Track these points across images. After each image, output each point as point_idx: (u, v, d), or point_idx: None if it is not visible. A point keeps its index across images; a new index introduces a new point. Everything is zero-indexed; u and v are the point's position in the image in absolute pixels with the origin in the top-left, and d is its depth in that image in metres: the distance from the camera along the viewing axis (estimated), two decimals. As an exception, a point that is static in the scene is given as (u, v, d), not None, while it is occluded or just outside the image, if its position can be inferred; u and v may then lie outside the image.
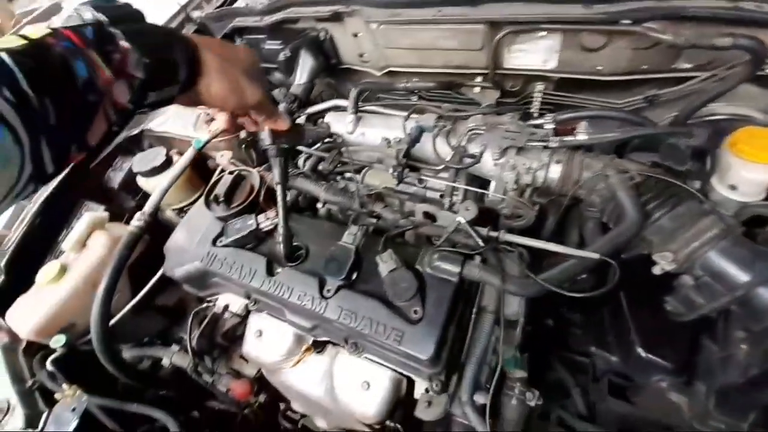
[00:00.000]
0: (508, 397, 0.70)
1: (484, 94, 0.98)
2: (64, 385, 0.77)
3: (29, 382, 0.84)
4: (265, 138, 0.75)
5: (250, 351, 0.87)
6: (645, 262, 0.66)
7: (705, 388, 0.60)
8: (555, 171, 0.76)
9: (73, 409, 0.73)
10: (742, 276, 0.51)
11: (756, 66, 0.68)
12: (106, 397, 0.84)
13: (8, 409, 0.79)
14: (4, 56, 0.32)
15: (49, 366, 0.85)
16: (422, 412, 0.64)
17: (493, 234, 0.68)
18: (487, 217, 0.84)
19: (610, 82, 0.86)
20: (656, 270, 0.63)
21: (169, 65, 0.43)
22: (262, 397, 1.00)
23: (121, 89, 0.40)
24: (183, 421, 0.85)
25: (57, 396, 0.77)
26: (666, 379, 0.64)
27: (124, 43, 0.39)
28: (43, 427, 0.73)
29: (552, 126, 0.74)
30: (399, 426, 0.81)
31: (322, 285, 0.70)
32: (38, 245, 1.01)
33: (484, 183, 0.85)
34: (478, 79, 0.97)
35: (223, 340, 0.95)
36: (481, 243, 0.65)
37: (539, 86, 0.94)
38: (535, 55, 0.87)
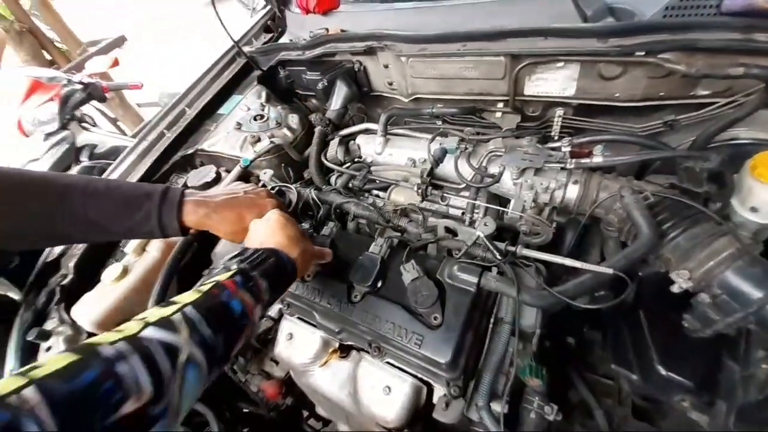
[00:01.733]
0: (526, 410, 0.72)
1: (505, 118, 1.04)
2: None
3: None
4: None
5: (281, 352, 0.93)
6: (664, 281, 0.68)
7: (726, 406, 0.60)
8: (572, 191, 0.80)
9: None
10: (755, 293, 0.53)
11: (771, 92, 0.70)
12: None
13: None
14: (189, 309, 0.46)
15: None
16: (440, 414, 0.67)
17: (511, 248, 0.73)
18: (506, 234, 0.89)
19: (628, 108, 0.90)
20: (674, 288, 0.65)
21: (284, 284, 0.64)
22: (288, 400, 1.06)
23: (258, 310, 0.56)
24: (218, 415, 0.91)
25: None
26: (687, 398, 0.63)
27: (260, 281, 0.57)
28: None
29: (568, 149, 0.78)
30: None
31: (350, 291, 0.77)
32: (103, 250, 1.15)
33: (503, 202, 0.90)
34: (500, 105, 1.04)
35: (257, 343, 1.03)
36: (498, 256, 0.70)
37: (559, 111, 0.99)
38: (554, 83, 0.93)
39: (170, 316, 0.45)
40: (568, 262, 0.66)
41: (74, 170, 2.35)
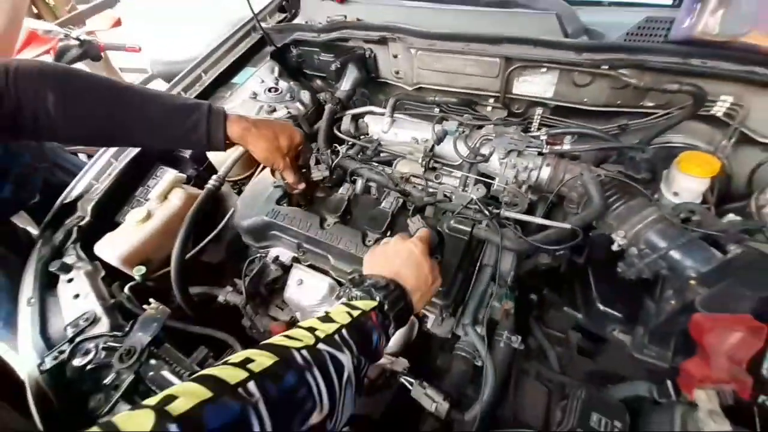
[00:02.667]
0: (497, 341, 0.92)
1: (494, 112, 1.24)
2: (151, 300, 0.96)
3: (111, 301, 1.03)
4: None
5: (291, 296, 1.07)
6: (606, 243, 0.89)
7: (643, 329, 0.82)
8: (545, 172, 1.00)
9: (157, 319, 0.92)
10: (661, 243, 0.75)
11: (697, 106, 0.93)
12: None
13: (95, 318, 0.97)
14: (346, 333, 0.47)
15: (126, 291, 1.05)
16: (435, 328, 0.84)
17: (496, 211, 0.91)
18: (491, 204, 1.08)
19: (593, 112, 1.11)
20: (614, 246, 0.87)
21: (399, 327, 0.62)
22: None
23: (383, 344, 0.56)
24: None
25: (143, 307, 0.96)
26: (617, 327, 0.85)
27: (392, 324, 0.57)
28: (130, 329, 0.91)
29: (545, 138, 0.98)
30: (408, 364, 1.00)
31: (364, 237, 0.92)
32: (119, 196, 1.22)
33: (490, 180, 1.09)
34: (491, 100, 1.23)
35: (264, 290, 1.15)
36: (487, 214, 0.88)
37: (538, 110, 1.19)
38: (537, 86, 1.13)
39: (334, 335, 0.46)
40: (539, 220, 0.86)
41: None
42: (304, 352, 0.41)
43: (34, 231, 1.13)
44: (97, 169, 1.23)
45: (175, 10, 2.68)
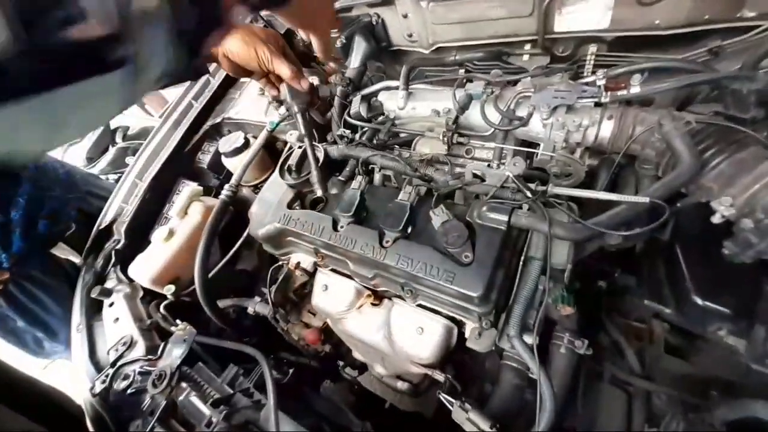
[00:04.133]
0: (556, 346, 0.74)
1: (532, 61, 1.00)
2: (178, 321, 0.95)
3: (147, 322, 1.05)
4: (287, 96, 1.00)
5: (318, 303, 0.99)
6: (702, 214, 0.65)
7: (765, 329, 0.59)
8: (607, 127, 0.77)
9: (184, 340, 0.91)
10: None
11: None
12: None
13: (131, 342, 0.99)
14: None
15: (162, 310, 1.06)
16: (473, 343, 0.70)
17: (541, 188, 0.72)
18: (534, 178, 0.88)
19: (668, 38, 0.83)
20: (715, 218, 0.63)
21: None
22: (327, 347, 1.13)
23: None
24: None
25: (172, 329, 0.95)
26: (724, 326, 0.63)
27: None
28: (162, 352, 0.91)
29: (603, 82, 0.75)
30: (449, 376, 0.88)
31: (381, 237, 0.80)
32: (149, 214, 1.24)
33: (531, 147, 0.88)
34: (527, 46, 0.99)
35: (294, 296, 1.10)
36: (528, 194, 0.70)
37: (591, 48, 0.93)
38: (587, 16, 0.87)
39: None
40: (603, 195, 0.65)
41: (111, 151, 2.49)
42: None
43: (76, 260, 1.18)
44: (124, 192, 1.25)
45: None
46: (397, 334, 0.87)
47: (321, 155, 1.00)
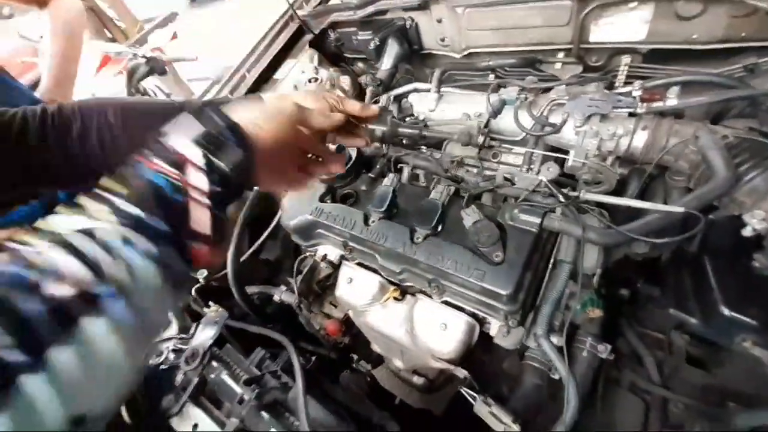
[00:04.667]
0: (578, 349, 0.76)
1: (565, 69, 1.02)
2: (210, 303, 1.00)
3: (180, 303, 1.09)
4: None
5: (342, 295, 1.02)
6: (732, 226, 0.66)
7: (795, 343, 0.60)
8: (641, 138, 0.78)
9: (216, 322, 0.95)
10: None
11: None
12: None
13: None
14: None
15: (193, 293, 1.10)
16: (500, 339, 0.73)
17: (573, 193, 0.74)
18: (564, 185, 0.89)
19: (704, 53, 0.84)
20: (746, 231, 0.64)
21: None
22: (347, 339, 1.16)
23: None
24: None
25: (205, 310, 1.00)
26: (749, 337, 0.64)
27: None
28: (194, 332, 0.95)
29: (639, 92, 0.76)
30: (468, 374, 0.90)
31: (412, 233, 0.82)
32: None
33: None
34: (560, 54, 1.01)
35: (317, 287, 1.13)
36: (561, 199, 0.72)
37: (625, 59, 0.95)
38: (623, 27, 0.89)
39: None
40: (636, 203, 0.67)
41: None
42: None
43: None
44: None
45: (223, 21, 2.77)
46: (421, 328, 0.89)
47: (353, 153, 1.04)
